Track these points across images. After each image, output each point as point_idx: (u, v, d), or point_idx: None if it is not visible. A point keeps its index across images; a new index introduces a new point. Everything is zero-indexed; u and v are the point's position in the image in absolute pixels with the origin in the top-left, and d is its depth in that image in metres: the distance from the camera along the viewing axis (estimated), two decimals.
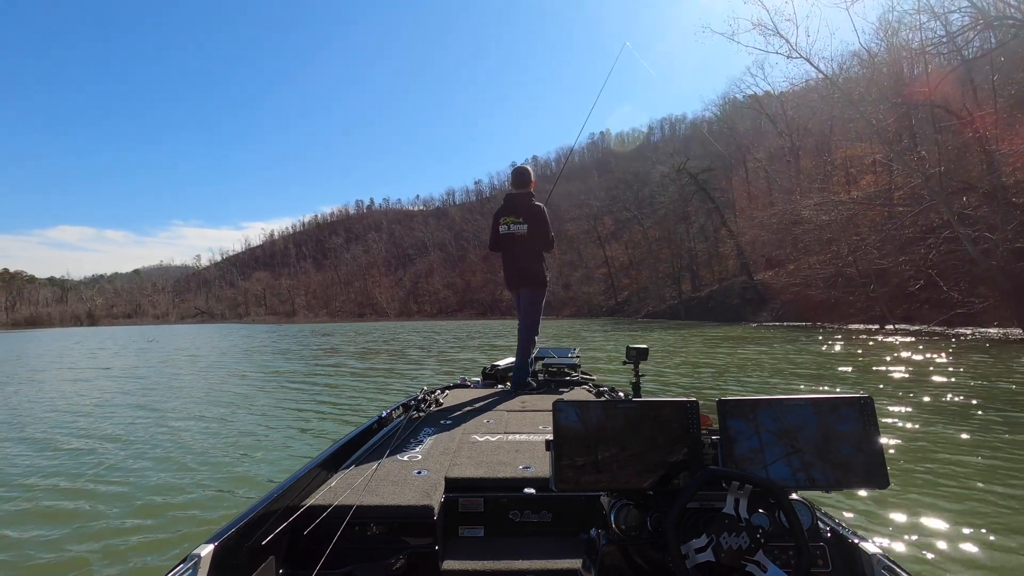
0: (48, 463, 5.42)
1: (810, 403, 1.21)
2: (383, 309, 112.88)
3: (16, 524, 3.83)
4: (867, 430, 1.19)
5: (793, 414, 1.20)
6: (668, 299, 49.30)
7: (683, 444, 1.21)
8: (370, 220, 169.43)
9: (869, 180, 30.60)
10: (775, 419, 1.20)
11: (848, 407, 1.21)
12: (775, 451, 1.19)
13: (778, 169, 39.13)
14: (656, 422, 1.21)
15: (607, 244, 71.87)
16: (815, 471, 1.18)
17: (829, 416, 1.20)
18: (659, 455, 1.20)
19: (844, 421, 1.20)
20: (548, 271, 4.34)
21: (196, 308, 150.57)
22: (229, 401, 9.10)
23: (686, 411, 1.22)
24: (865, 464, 1.18)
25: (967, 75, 20.87)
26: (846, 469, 1.18)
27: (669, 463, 1.20)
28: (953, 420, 5.85)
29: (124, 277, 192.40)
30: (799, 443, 1.19)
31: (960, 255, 18.46)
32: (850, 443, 1.19)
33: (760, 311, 31.84)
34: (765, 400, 1.22)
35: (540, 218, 4.20)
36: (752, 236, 35.91)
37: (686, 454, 1.20)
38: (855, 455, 1.18)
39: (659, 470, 1.19)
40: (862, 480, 1.19)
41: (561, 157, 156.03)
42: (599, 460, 1.18)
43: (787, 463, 1.19)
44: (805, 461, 1.18)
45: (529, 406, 3.46)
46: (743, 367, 11.34)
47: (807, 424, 1.20)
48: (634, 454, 1.19)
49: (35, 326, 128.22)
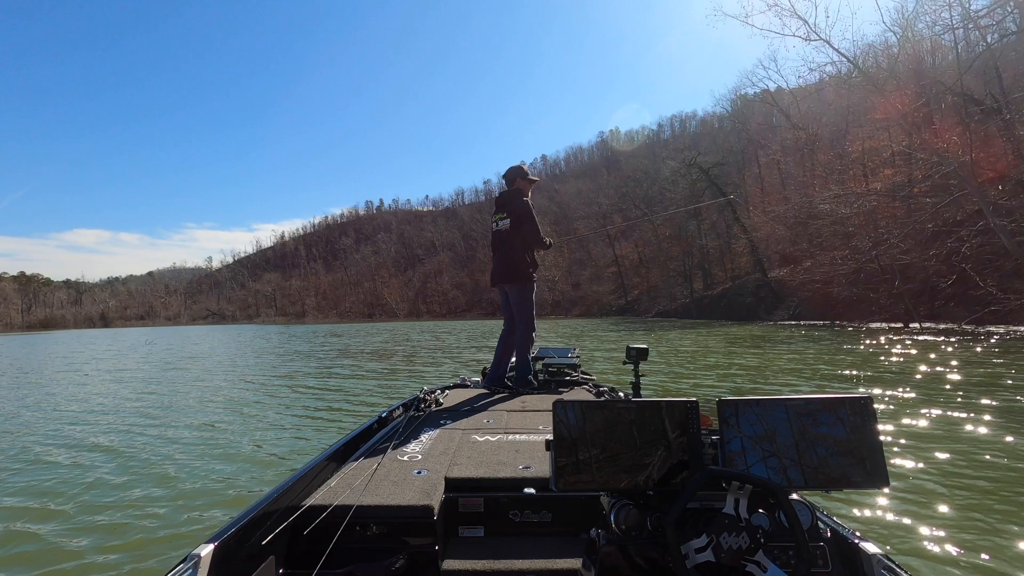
0: (48, 463, 5.42)
1: (810, 403, 1.21)
2: (392, 309, 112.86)
3: (16, 524, 3.83)
4: (867, 430, 1.19)
5: (793, 414, 1.20)
6: (679, 298, 48.24)
7: (683, 444, 1.21)
8: (380, 221, 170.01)
9: (888, 173, 29.52)
10: (775, 419, 1.20)
11: (848, 407, 1.20)
12: (775, 451, 1.19)
13: (793, 160, 38.01)
14: (656, 422, 1.21)
15: (617, 242, 70.93)
16: (815, 471, 1.18)
17: (829, 416, 1.20)
18: (659, 455, 1.20)
19: (844, 421, 1.19)
20: (534, 268, 4.22)
21: (207, 309, 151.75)
22: (230, 401, 9.02)
23: (686, 411, 1.22)
24: (865, 464, 1.18)
25: (992, 61, 19.85)
26: (846, 469, 1.18)
27: (669, 463, 1.20)
28: (977, 423, 5.57)
29: (138, 279, 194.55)
30: (799, 443, 1.19)
31: (991, 248, 17.43)
32: (850, 443, 1.18)
33: (775, 309, 30.80)
34: (765, 400, 1.22)
35: (523, 214, 4.12)
36: (766, 232, 34.76)
37: (686, 454, 1.20)
38: (855, 455, 1.18)
39: (659, 470, 1.19)
40: (862, 480, 1.18)
41: (571, 156, 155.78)
42: (599, 460, 1.18)
43: (787, 463, 1.18)
44: (805, 461, 1.18)
45: (529, 406, 3.45)
46: (775, 370, 10.57)
47: (807, 424, 1.19)
48: (634, 454, 1.19)
49: (49, 328, 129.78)
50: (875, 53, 22.70)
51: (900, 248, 20.00)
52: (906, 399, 6.88)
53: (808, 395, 1.24)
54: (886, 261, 21.08)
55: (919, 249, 20.00)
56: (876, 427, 1.20)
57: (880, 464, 1.18)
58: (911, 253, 20.11)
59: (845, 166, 28.42)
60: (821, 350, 13.48)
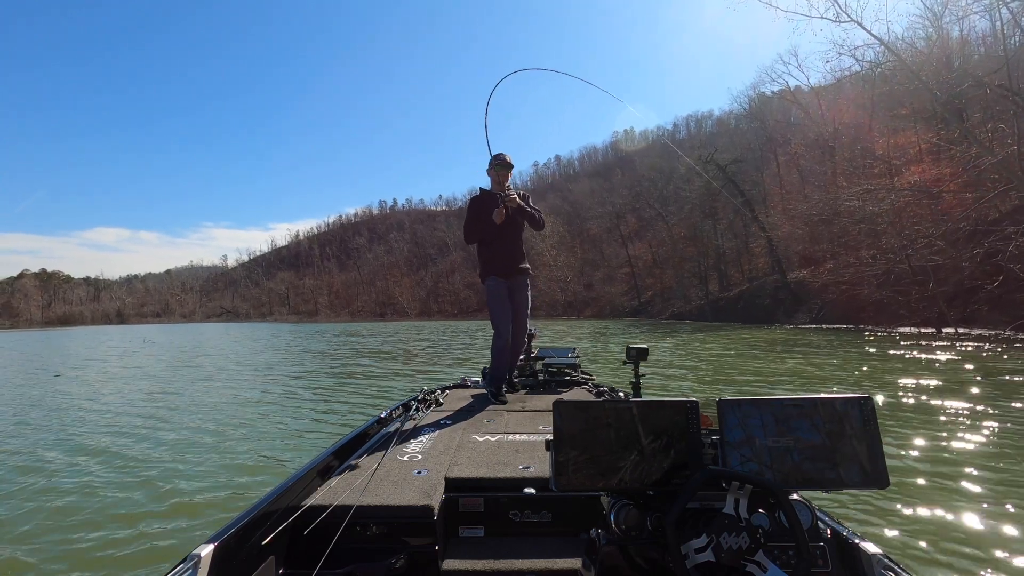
0: (47, 462, 5.41)
1: (810, 403, 1.21)
2: (403, 309, 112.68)
3: (16, 523, 3.82)
4: (867, 430, 1.19)
5: (793, 414, 1.20)
6: (694, 299, 46.81)
7: (683, 444, 1.21)
8: (393, 220, 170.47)
9: (916, 170, 28.09)
10: (775, 419, 1.20)
11: (848, 407, 1.20)
12: (775, 451, 1.19)
13: (814, 158, 36.57)
14: (656, 422, 1.20)
15: (630, 242, 69.57)
16: (815, 471, 1.18)
17: (829, 416, 1.20)
18: (659, 455, 1.20)
19: (844, 421, 1.19)
20: (480, 263, 4.14)
21: (221, 307, 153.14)
22: (230, 401, 8.95)
23: (686, 411, 1.22)
24: (865, 464, 1.18)
25: None
26: (846, 469, 1.18)
27: (669, 463, 1.20)
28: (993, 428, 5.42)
29: (156, 277, 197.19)
30: (799, 443, 1.19)
31: None
32: (850, 443, 1.19)
33: (795, 312, 29.42)
34: (765, 400, 1.22)
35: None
36: (787, 231, 33.36)
37: (686, 454, 1.20)
38: (855, 455, 1.18)
39: (659, 470, 1.19)
40: (862, 480, 1.18)
41: (585, 156, 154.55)
42: (599, 460, 1.18)
43: (787, 463, 1.18)
44: (805, 461, 1.18)
45: (529, 406, 3.45)
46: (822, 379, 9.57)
47: (807, 424, 1.20)
48: (634, 454, 1.19)
49: (67, 324, 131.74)
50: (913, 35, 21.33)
51: (937, 246, 18.52)
52: (923, 403, 6.76)
53: (808, 395, 1.22)
54: (917, 261, 19.70)
55: (953, 248, 18.64)
56: (876, 427, 1.19)
57: (880, 465, 1.17)
58: (944, 253, 18.75)
59: (869, 163, 27.01)
60: (861, 357, 12.36)
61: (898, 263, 20.55)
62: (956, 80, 18.21)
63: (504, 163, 3.93)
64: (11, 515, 4.00)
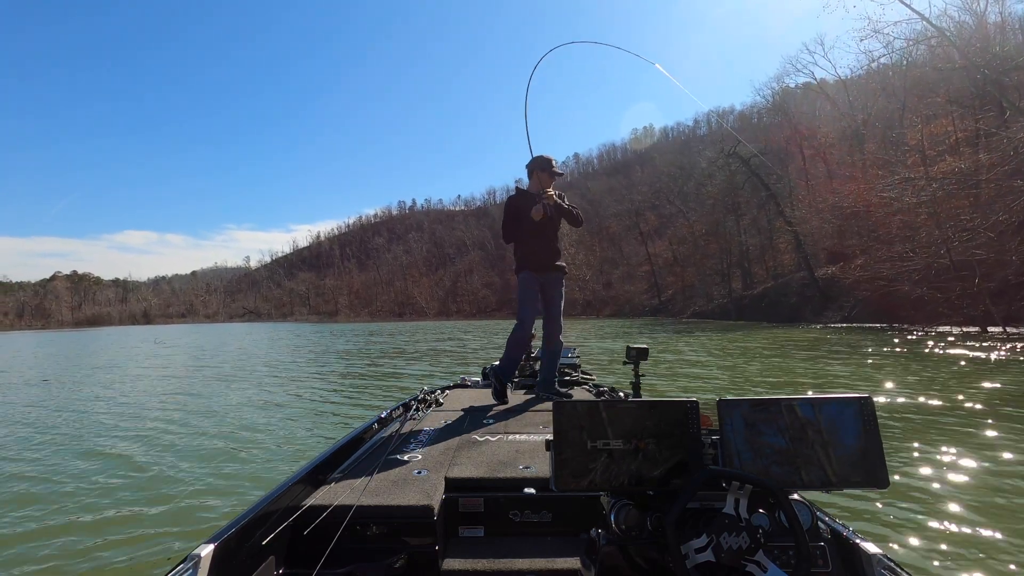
0: (47, 461, 5.40)
1: (810, 403, 1.20)
2: (422, 309, 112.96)
3: (16, 523, 3.81)
4: (867, 430, 1.19)
5: (793, 414, 1.20)
6: (717, 298, 45.51)
7: (683, 444, 1.20)
8: (412, 220, 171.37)
9: (952, 160, 26.65)
10: (775, 419, 1.20)
11: (848, 407, 1.20)
12: (775, 451, 1.19)
13: (844, 149, 35.09)
14: (656, 422, 1.20)
15: (650, 240, 68.34)
16: (815, 471, 1.18)
17: (829, 416, 1.19)
18: (659, 455, 1.19)
19: (844, 421, 1.19)
20: (515, 259, 4.01)
21: (244, 308, 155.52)
22: (231, 401, 8.92)
23: (686, 411, 1.22)
24: (865, 464, 1.18)
25: None
26: (846, 469, 1.18)
27: (669, 463, 1.19)
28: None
29: (182, 279, 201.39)
30: (799, 443, 1.19)
31: None
32: (850, 443, 1.18)
33: (824, 310, 28.18)
34: (765, 400, 1.21)
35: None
36: (816, 225, 31.91)
37: (686, 454, 1.20)
38: (855, 455, 1.18)
39: (659, 470, 1.19)
40: (862, 480, 1.18)
41: (604, 153, 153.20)
42: (599, 460, 1.17)
43: (787, 463, 1.18)
44: (805, 461, 1.18)
45: (529, 406, 3.44)
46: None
47: (807, 424, 1.19)
48: (634, 454, 1.19)
49: (96, 325, 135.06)
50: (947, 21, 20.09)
51: (982, 239, 17.25)
52: (933, 404, 6.64)
53: (809, 395, 1.22)
54: (959, 256, 18.49)
55: (999, 242, 17.41)
56: (876, 428, 1.19)
57: (880, 465, 1.18)
58: (988, 246, 17.52)
59: (902, 154, 25.67)
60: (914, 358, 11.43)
61: (939, 257, 19.30)
62: (999, 62, 17.00)
63: (554, 172, 3.99)
64: (11, 515, 4.02)
